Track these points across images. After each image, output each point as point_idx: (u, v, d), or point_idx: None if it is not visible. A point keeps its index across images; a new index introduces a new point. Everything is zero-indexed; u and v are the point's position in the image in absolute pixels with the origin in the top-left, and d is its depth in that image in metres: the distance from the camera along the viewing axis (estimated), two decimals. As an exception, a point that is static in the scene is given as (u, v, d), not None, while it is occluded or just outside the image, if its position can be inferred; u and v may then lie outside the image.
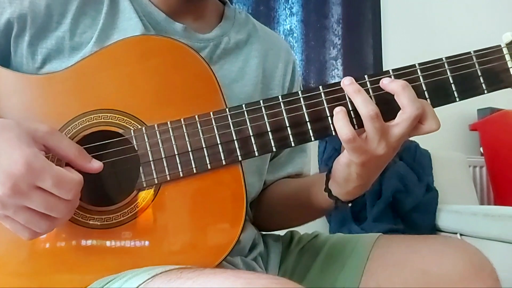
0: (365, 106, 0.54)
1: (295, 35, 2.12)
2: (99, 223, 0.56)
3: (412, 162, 1.77)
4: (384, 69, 0.57)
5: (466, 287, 0.59)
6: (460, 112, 2.26)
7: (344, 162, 0.58)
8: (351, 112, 0.57)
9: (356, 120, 0.57)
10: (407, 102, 0.54)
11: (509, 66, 0.58)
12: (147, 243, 0.56)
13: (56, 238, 0.55)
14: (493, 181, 2.06)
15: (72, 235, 0.55)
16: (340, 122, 0.54)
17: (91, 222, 0.56)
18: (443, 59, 0.58)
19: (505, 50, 0.58)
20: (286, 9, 2.13)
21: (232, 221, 0.57)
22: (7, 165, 0.47)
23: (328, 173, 0.64)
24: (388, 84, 0.56)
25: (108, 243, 0.55)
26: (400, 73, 0.58)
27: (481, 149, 2.18)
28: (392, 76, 0.58)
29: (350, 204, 0.64)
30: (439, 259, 0.62)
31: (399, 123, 0.55)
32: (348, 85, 0.56)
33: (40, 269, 0.55)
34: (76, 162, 0.53)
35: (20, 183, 0.47)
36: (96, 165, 0.54)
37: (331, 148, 1.63)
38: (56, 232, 0.54)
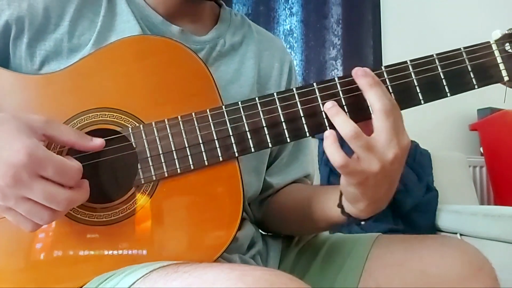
0: (345, 127, 0.52)
1: (295, 35, 2.12)
2: (97, 220, 0.56)
3: (412, 162, 1.77)
4: (383, 70, 0.57)
5: (465, 287, 0.59)
6: (460, 112, 2.26)
7: (343, 183, 0.56)
8: (345, 107, 0.57)
9: (350, 115, 0.57)
10: (374, 99, 0.53)
11: (499, 61, 0.59)
12: (145, 239, 0.56)
13: (55, 234, 0.55)
14: (493, 181, 2.06)
15: (71, 232, 0.56)
16: (330, 148, 0.52)
17: (89, 219, 0.56)
18: (434, 55, 0.59)
19: (494, 46, 0.59)
20: (286, 9, 2.13)
21: (229, 217, 0.57)
22: (8, 155, 0.47)
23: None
24: (358, 78, 0.55)
25: (106, 239, 0.56)
26: (392, 69, 0.58)
27: (481, 149, 2.18)
28: (385, 73, 0.58)
29: (362, 222, 0.62)
30: (438, 259, 0.63)
31: (377, 130, 0.53)
32: (329, 108, 0.55)
33: (38, 265, 0.55)
34: (78, 143, 0.54)
35: (21, 173, 0.47)
36: (97, 142, 0.55)
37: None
38: (55, 228, 0.55)
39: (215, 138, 0.57)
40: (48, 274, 0.55)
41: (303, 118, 0.57)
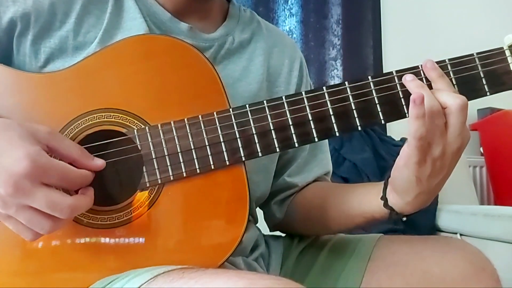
0: (429, 101, 0.53)
1: (294, 36, 2.11)
2: (102, 223, 0.56)
3: (412, 162, 1.77)
4: (384, 70, 0.57)
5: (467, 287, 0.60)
6: (460, 112, 2.25)
7: (402, 163, 0.56)
8: (354, 111, 0.57)
9: (359, 120, 0.57)
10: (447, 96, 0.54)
11: (511, 68, 0.59)
12: (149, 243, 0.56)
13: (59, 237, 0.55)
14: (493, 181, 2.06)
15: (75, 235, 0.55)
16: (419, 121, 0.53)
17: (94, 221, 0.56)
18: (446, 60, 0.58)
19: (507, 53, 0.59)
20: (286, 10, 2.12)
21: (235, 221, 0.56)
22: (10, 163, 0.47)
23: (387, 180, 0.61)
24: (429, 69, 0.57)
25: (110, 243, 0.55)
26: (403, 74, 0.58)
27: (481, 149, 2.18)
28: (396, 78, 0.58)
29: (404, 218, 0.61)
30: (440, 259, 0.63)
31: (451, 119, 0.54)
32: (410, 81, 0.56)
33: (41, 268, 0.55)
34: (78, 161, 0.53)
35: (23, 182, 0.46)
36: (98, 162, 0.54)
37: (331, 148, 1.63)
38: (59, 231, 0.54)
39: (222, 141, 0.56)
40: (48, 277, 0.54)
41: (311, 122, 0.57)
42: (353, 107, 0.57)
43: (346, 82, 0.58)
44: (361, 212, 0.66)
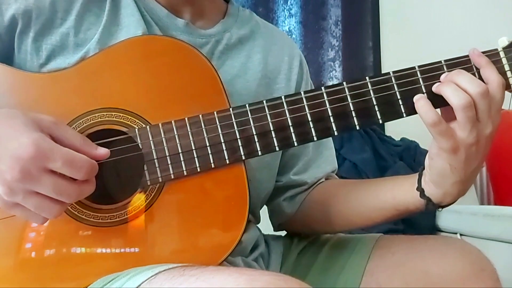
0: (457, 95, 0.54)
1: (293, 36, 2.12)
2: (102, 221, 0.56)
3: (412, 162, 1.77)
4: (383, 71, 0.58)
5: (466, 287, 0.60)
6: (460, 113, 2.25)
7: (434, 152, 0.57)
8: (353, 112, 0.58)
9: (358, 120, 0.57)
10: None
11: (506, 69, 0.59)
12: (149, 241, 0.56)
13: (58, 235, 0.55)
14: (493, 181, 2.06)
15: (75, 233, 0.56)
16: (424, 108, 0.55)
17: (94, 220, 0.56)
18: (442, 61, 0.59)
19: (501, 54, 0.60)
20: (285, 10, 2.13)
21: (235, 220, 0.57)
22: (15, 149, 0.47)
23: (421, 171, 0.62)
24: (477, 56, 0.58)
25: (111, 241, 0.56)
26: (400, 75, 0.59)
27: (481, 149, 2.17)
28: (393, 78, 0.58)
29: (440, 209, 0.62)
30: (439, 259, 0.63)
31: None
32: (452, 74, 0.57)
33: (39, 266, 0.55)
34: (82, 149, 0.52)
35: (29, 166, 0.47)
36: (102, 151, 0.53)
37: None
38: (59, 228, 0.55)
39: (222, 141, 0.57)
40: (50, 274, 0.55)
41: (310, 122, 0.58)
42: (352, 107, 0.58)
43: (344, 83, 0.58)
44: (395, 204, 0.65)
